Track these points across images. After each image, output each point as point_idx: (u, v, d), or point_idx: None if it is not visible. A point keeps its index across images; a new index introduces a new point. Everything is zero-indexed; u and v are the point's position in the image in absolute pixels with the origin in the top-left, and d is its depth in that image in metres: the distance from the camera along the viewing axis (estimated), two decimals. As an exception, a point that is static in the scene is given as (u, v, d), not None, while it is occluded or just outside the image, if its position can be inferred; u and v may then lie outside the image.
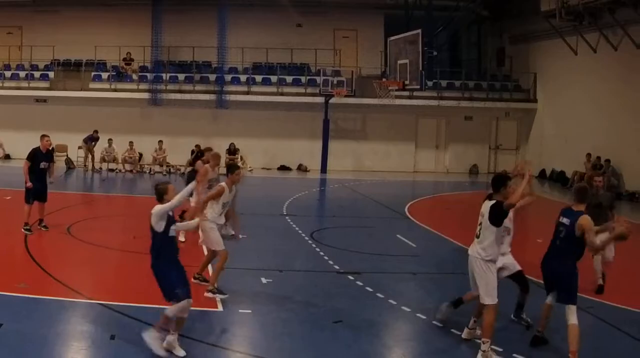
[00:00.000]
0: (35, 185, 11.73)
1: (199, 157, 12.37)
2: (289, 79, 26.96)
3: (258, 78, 26.91)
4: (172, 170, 24.11)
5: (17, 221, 11.75)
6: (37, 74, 26.17)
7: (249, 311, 8.03)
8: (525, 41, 27.44)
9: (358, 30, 28.45)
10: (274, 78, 26.82)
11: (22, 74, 26.09)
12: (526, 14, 25.88)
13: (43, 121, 23.14)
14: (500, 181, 6.82)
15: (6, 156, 23.05)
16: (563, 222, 6.82)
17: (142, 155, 25.03)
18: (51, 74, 26.33)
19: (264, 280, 9.43)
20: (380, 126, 27.03)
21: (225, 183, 8.51)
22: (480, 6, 27.36)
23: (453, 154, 27.99)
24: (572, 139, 23.85)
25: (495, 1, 27.73)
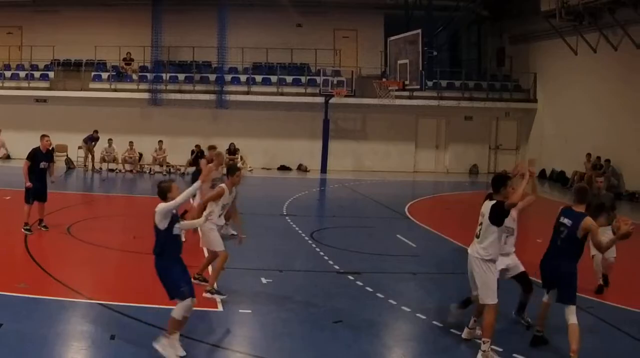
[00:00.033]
0: (35, 185, 11.74)
1: (199, 157, 12.38)
2: (289, 79, 26.95)
3: (258, 78, 26.90)
4: (172, 170, 24.10)
5: (17, 221, 11.74)
6: (37, 74, 26.16)
7: (249, 311, 8.03)
8: (525, 41, 27.42)
9: (358, 30, 28.44)
10: (274, 78, 26.82)
11: (22, 74, 26.08)
12: (526, 14, 25.87)
13: (43, 121, 23.10)
14: (500, 181, 6.81)
15: (7, 156, 23.05)
16: (564, 223, 6.80)
17: (142, 155, 25.01)
18: (51, 74, 26.31)
19: (264, 280, 9.43)
20: (380, 126, 27.02)
21: (225, 184, 8.52)
22: (480, 6, 27.34)
23: (453, 154, 27.98)
24: (572, 139, 23.84)
25: (495, 1, 27.71)
